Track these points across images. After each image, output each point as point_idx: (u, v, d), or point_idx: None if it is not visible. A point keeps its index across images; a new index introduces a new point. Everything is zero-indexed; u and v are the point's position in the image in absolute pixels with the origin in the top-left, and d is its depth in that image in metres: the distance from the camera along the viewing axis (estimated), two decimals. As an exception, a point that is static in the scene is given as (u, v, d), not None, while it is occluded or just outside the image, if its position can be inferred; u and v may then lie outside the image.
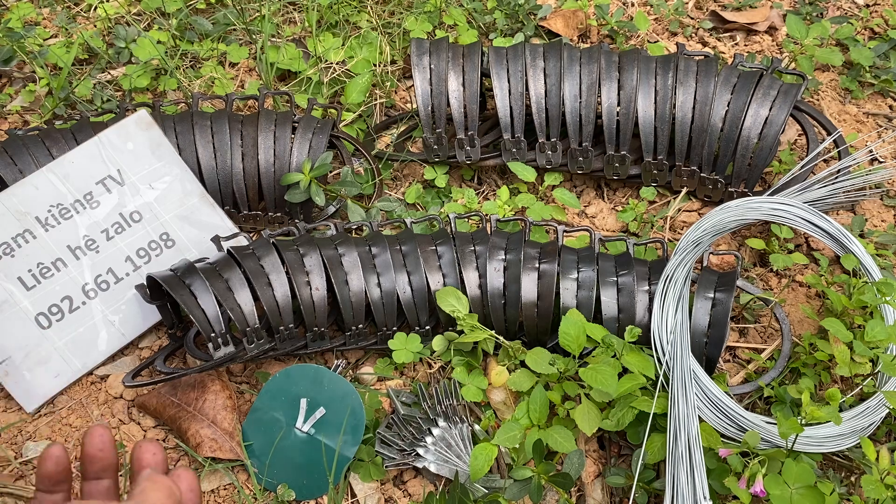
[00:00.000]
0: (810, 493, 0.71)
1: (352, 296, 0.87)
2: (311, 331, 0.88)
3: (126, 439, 0.88)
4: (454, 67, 1.04)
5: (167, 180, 0.98)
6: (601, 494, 0.83)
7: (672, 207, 1.05)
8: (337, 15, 1.27)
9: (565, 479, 0.77)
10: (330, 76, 1.18)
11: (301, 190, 0.98)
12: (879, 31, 1.29)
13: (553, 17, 1.29)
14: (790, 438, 0.76)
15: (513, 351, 0.86)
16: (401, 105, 1.19)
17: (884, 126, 1.17)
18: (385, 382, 0.91)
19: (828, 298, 0.95)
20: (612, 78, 1.02)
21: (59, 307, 0.91)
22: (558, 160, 1.05)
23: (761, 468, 0.73)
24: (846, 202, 1.05)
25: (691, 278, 0.94)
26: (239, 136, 1.01)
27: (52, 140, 0.97)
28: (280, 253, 0.88)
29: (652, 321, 0.84)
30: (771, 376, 0.88)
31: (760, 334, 0.95)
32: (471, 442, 0.84)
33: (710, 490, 0.77)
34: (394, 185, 1.11)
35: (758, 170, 1.00)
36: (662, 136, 1.01)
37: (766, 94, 0.99)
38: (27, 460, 0.86)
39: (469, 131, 1.04)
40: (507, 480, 0.80)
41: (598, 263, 0.88)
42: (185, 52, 1.23)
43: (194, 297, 0.83)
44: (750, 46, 1.28)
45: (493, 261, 0.88)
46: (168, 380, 0.88)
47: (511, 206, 1.01)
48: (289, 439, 0.84)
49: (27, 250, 0.91)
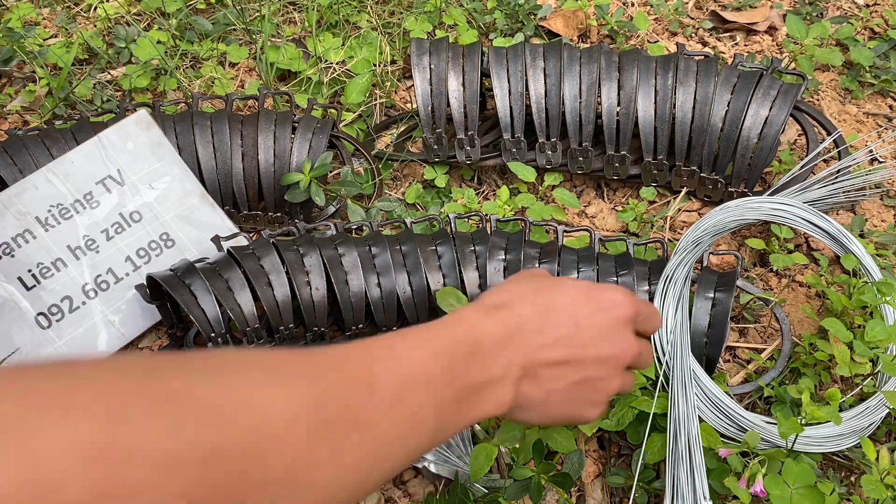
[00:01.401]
0: (810, 493, 0.71)
1: (352, 296, 0.87)
2: (311, 331, 0.88)
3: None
4: (454, 67, 1.04)
5: (167, 180, 0.98)
6: (601, 494, 0.83)
7: (672, 207, 1.05)
8: (337, 15, 1.27)
9: (566, 478, 0.76)
10: (330, 76, 1.18)
11: (301, 190, 0.98)
12: (879, 31, 1.29)
13: (553, 17, 1.29)
14: (790, 438, 0.76)
15: (513, 351, 0.86)
16: (401, 105, 1.19)
17: (884, 126, 1.17)
18: (385, 382, 0.91)
19: (828, 298, 0.95)
20: (612, 78, 1.02)
21: (59, 307, 0.91)
22: (558, 160, 1.05)
23: (761, 468, 0.73)
24: (846, 202, 1.05)
25: (691, 278, 0.94)
26: (239, 136, 1.01)
27: (52, 140, 0.97)
28: (280, 253, 0.88)
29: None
30: (771, 376, 0.88)
31: (760, 334, 0.95)
32: (471, 442, 0.84)
33: (710, 490, 0.77)
34: (394, 185, 1.11)
35: (758, 170, 1.00)
36: (662, 136, 1.01)
37: (766, 94, 0.99)
38: (27, 460, 0.86)
39: (469, 131, 1.04)
40: (507, 480, 0.80)
41: (598, 263, 0.88)
42: (185, 52, 1.23)
43: (194, 297, 0.83)
44: (750, 46, 1.28)
45: (493, 261, 0.88)
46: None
47: (511, 206, 1.01)
48: (289, 439, 0.84)
49: (27, 250, 0.91)
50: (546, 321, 0.53)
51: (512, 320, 0.51)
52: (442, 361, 0.46)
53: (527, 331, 0.52)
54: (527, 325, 0.52)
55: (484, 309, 0.51)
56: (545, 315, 0.53)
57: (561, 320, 0.53)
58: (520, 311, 0.52)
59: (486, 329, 0.50)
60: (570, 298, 0.54)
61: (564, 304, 0.54)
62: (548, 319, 0.53)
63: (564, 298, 0.54)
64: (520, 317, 0.52)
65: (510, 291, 0.54)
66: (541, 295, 0.54)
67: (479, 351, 0.49)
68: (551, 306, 0.53)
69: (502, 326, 0.51)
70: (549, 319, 0.53)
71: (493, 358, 0.49)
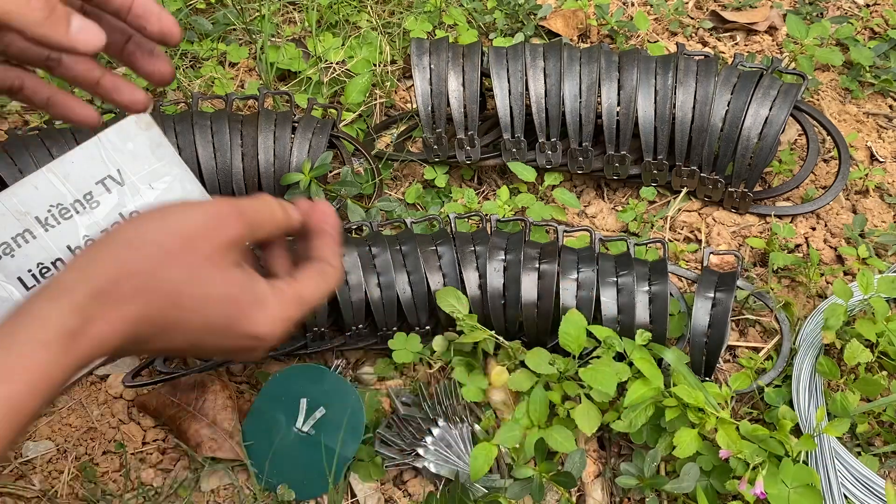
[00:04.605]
0: (808, 493, 0.71)
1: (352, 296, 0.87)
2: (311, 331, 0.88)
3: (126, 439, 0.88)
4: (454, 67, 1.04)
5: (167, 180, 0.97)
6: (601, 494, 0.83)
7: (672, 207, 1.05)
8: (337, 15, 1.27)
9: (567, 478, 0.77)
10: (330, 76, 1.18)
11: (301, 190, 0.98)
12: (879, 31, 1.29)
13: (553, 17, 1.29)
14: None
15: (513, 351, 0.86)
16: (401, 105, 1.19)
17: (884, 126, 1.17)
18: (385, 382, 0.91)
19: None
20: (612, 78, 1.02)
21: (59, 307, 0.90)
22: (558, 160, 1.05)
23: (762, 470, 0.73)
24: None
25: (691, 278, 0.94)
26: (239, 136, 1.01)
27: (52, 140, 0.97)
28: (280, 253, 0.88)
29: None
30: (770, 377, 0.88)
31: (760, 334, 0.95)
32: (471, 442, 0.84)
33: (710, 490, 0.77)
34: (394, 185, 1.11)
35: (758, 170, 1.00)
36: (662, 136, 1.01)
37: (766, 94, 0.99)
38: (27, 460, 0.86)
39: (469, 131, 1.04)
40: (508, 480, 0.80)
41: (598, 263, 0.88)
42: (184, 52, 1.23)
43: (194, 297, 0.83)
44: (750, 46, 1.28)
45: (493, 261, 0.88)
46: (168, 380, 0.88)
47: (511, 206, 1.01)
48: (289, 439, 0.84)
49: (27, 250, 0.91)
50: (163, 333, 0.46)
51: (96, 352, 0.44)
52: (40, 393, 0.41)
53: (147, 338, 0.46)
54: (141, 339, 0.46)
55: (64, 339, 0.43)
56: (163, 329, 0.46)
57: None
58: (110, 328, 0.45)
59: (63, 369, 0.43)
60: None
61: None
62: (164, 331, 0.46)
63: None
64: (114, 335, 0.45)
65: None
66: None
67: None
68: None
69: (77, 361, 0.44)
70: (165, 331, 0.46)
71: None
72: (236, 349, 0.50)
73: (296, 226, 0.53)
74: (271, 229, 0.52)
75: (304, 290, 0.51)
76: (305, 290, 0.51)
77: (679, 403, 0.77)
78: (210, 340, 0.49)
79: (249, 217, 0.49)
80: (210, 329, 0.48)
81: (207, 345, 0.49)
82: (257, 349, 0.50)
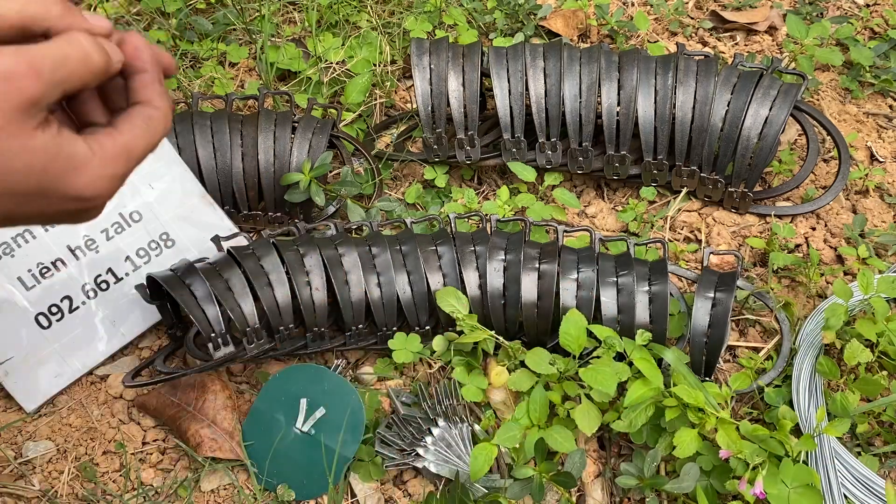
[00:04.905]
0: (808, 493, 0.71)
1: (352, 296, 0.87)
2: (311, 331, 0.88)
3: (126, 439, 0.88)
4: (454, 67, 1.04)
5: (167, 180, 0.98)
6: (601, 494, 0.83)
7: (672, 207, 1.05)
8: (337, 15, 1.27)
9: (568, 478, 0.77)
10: (330, 76, 1.18)
11: (301, 190, 0.98)
12: (879, 31, 1.29)
13: (553, 17, 1.29)
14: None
15: (513, 351, 0.86)
16: (401, 105, 1.19)
17: (884, 126, 1.17)
18: (385, 382, 0.91)
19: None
20: (612, 78, 1.02)
21: (59, 307, 0.91)
22: (558, 160, 1.05)
23: (762, 470, 0.73)
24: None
25: (691, 278, 0.94)
26: (239, 136, 1.01)
27: (52, 140, 0.97)
28: (280, 253, 0.88)
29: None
30: (770, 377, 0.88)
31: (760, 334, 0.95)
32: (471, 442, 0.84)
33: (710, 490, 0.77)
34: (394, 185, 1.11)
35: (758, 170, 1.00)
36: (662, 136, 1.01)
37: (766, 94, 0.99)
38: (27, 460, 0.86)
39: (469, 131, 1.04)
40: (508, 480, 0.80)
41: (598, 263, 0.88)
42: (184, 52, 1.23)
43: (194, 298, 0.83)
44: (750, 46, 1.28)
45: (493, 261, 0.88)
46: (168, 380, 0.88)
47: (511, 206, 1.01)
48: (289, 439, 0.84)
49: (27, 250, 0.91)
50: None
51: None
52: None
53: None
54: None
55: None
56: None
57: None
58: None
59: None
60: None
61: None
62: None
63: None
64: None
65: None
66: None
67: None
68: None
69: None
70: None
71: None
72: (63, 213, 0.45)
73: (118, 67, 0.46)
74: (86, 78, 0.43)
75: (130, 142, 0.46)
76: (131, 141, 0.46)
77: (679, 403, 0.77)
78: (27, 209, 0.44)
79: (48, 72, 0.42)
80: (25, 201, 0.43)
81: (28, 213, 0.44)
82: (89, 210, 0.46)
